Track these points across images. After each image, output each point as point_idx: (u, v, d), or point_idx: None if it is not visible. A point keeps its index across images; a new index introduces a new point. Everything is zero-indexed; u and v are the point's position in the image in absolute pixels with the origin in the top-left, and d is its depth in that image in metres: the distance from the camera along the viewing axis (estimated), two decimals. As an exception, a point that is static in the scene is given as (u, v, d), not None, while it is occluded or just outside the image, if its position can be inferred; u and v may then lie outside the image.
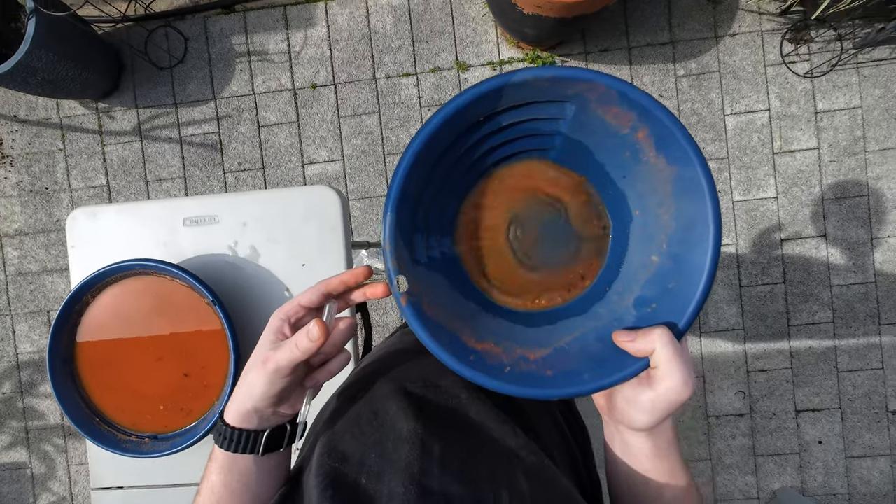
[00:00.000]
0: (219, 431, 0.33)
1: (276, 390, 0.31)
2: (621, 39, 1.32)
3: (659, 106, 0.26)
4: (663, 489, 0.31)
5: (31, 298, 1.46)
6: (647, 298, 0.30)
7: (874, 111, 1.29)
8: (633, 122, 0.27)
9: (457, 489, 0.27)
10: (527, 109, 0.29)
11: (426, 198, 0.31)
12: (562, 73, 0.26)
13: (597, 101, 0.27)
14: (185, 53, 1.39)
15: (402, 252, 0.29)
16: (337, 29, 1.36)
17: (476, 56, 1.34)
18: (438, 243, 0.33)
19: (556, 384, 0.28)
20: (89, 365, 0.63)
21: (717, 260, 0.27)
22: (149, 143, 1.42)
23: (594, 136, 0.30)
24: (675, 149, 0.27)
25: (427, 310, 0.29)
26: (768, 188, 1.32)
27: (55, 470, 1.47)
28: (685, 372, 0.26)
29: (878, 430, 1.33)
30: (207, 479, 0.33)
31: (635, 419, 0.29)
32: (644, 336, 0.27)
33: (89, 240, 0.67)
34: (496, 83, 0.27)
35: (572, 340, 0.31)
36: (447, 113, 0.28)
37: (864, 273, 1.31)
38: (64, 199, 1.44)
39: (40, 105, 1.43)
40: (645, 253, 0.31)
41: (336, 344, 0.34)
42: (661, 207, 0.30)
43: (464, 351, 0.29)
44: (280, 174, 1.39)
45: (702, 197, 0.27)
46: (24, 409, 1.47)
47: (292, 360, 0.30)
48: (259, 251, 0.65)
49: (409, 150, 0.28)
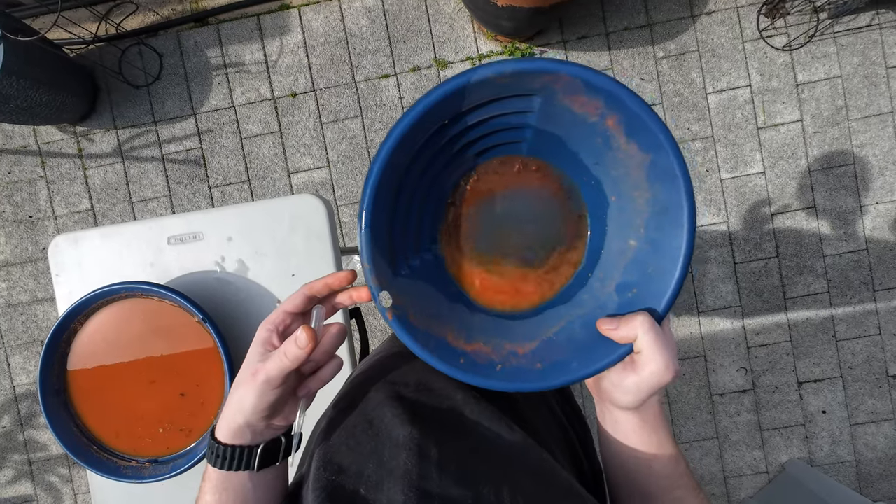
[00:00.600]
0: (211, 450, 0.32)
1: (268, 402, 0.31)
2: (599, 25, 1.32)
3: (626, 91, 0.26)
4: (652, 461, 0.32)
5: (24, 329, 1.44)
6: (627, 283, 0.30)
7: (854, 79, 1.30)
8: (602, 110, 0.27)
9: (456, 491, 0.27)
10: (492, 106, 0.29)
11: (401, 207, 0.31)
12: (523, 67, 0.26)
13: (562, 91, 0.27)
14: (161, 70, 1.37)
15: (381, 268, 0.29)
16: (312, 35, 1.35)
17: (454, 52, 1.34)
18: (419, 251, 0.33)
19: (546, 376, 0.29)
20: (82, 393, 0.62)
21: (692, 244, 0.27)
22: (131, 164, 1.40)
23: (564, 125, 0.30)
24: (645, 134, 0.27)
25: (413, 320, 0.29)
26: (755, 164, 1.32)
27: (62, 501, 1.45)
28: (667, 356, 0.27)
29: (879, 395, 1.34)
30: (202, 499, 0.32)
31: (622, 400, 0.30)
32: (626, 323, 0.28)
33: (73, 267, 0.66)
34: (455, 84, 0.26)
35: (559, 330, 0.31)
36: (407, 124, 0.27)
37: (855, 241, 1.32)
38: (49, 227, 1.42)
39: (17, 133, 1.41)
40: (623, 238, 0.31)
41: (327, 350, 0.33)
42: (636, 191, 0.30)
43: (454, 355, 0.29)
44: (266, 185, 1.38)
45: (675, 181, 0.27)
46: (25, 442, 1.45)
47: (282, 370, 0.30)
48: (247, 265, 0.64)
49: (373, 167, 0.27)
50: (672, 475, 0.32)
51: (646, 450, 0.32)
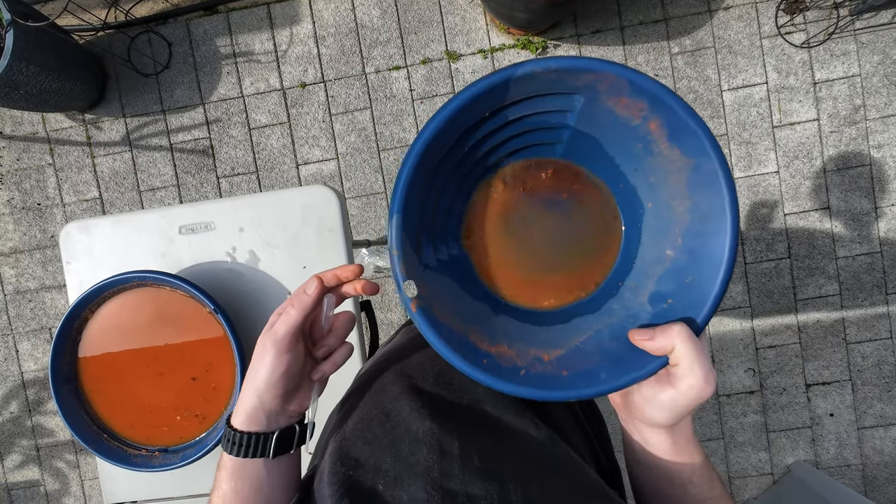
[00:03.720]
0: (227, 437, 0.32)
1: (281, 371, 0.31)
2: (613, 19, 1.29)
3: (672, 95, 0.25)
4: (687, 485, 0.30)
5: (32, 316, 1.44)
6: (662, 294, 0.29)
7: (873, 78, 1.27)
8: (645, 113, 0.26)
9: (480, 488, 0.26)
10: (533, 103, 0.28)
11: (432, 197, 0.30)
12: (569, 64, 0.25)
13: (606, 91, 0.26)
14: (170, 58, 1.36)
15: (409, 256, 0.28)
16: (323, 25, 1.33)
17: (466, 45, 1.32)
18: (446, 244, 0.32)
19: (572, 385, 0.28)
20: (93, 381, 0.62)
21: (735, 252, 0.26)
22: (139, 153, 1.39)
23: (604, 127, 0.29)
24: (689, 139, 0.26)
25: (437, 314, 0.28)
26: (769, 163, 1.30)
27: (69, 486, 1.47)
28: (707, 369, 0.26)
29: (889, 399, 1.32)
30: (218, 488, 0.32)
31: (655, 417, 0.28)
32: (663, 333, 0.26)
33: (84, 254, 0.65)
34: (500, 77, 0.26)
35: (587, 339, 0.30)
36: (451, 111, 0.26)
37: (869, 243, 1.30)
38: (57, 215, 1.42)
39: (26, 120, 1.41)
40: (659, 247, 0.30)
41: (339, 335, 0.35)
42: (674, 199, 0.29)
43: (476, 354, 0.28)
44: (274, 176, 1.37)
45: (718, 188, 0.26)
46: (33, 428, 1.46)
47: (290, 325, 0.31)
48: (258, 256, 0.63)
49: (412, 151, 0.27)
50: (708, 499, 0.30)
51: (680, 474, 0.30)
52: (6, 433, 1.47)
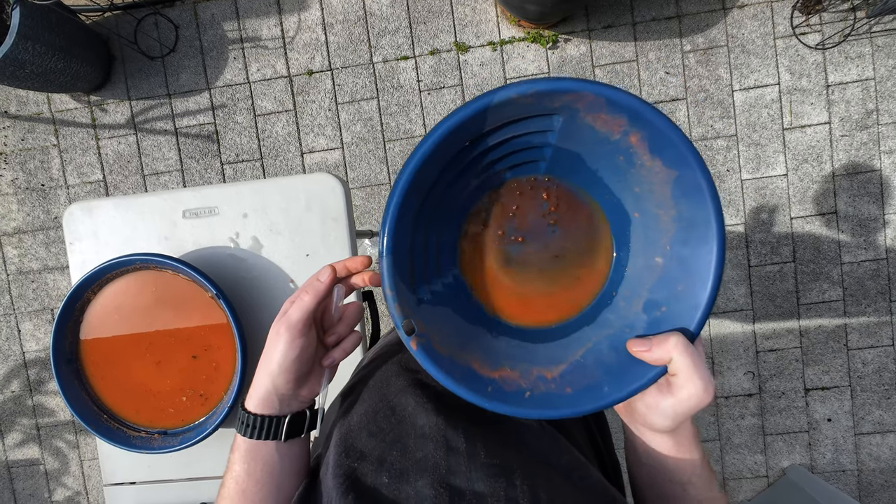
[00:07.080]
0: (241, 420, 0.33)
1: (294, 355, 0.31)
2: (625, 14, 1.28)
3: (650, 109, 0.25)
4: (686, 485, 0.31)
5: (34, 297, 1.45)
6: (656, 302, 0.30)
7: (888, 82, 1.25)
8: (625, 128, 0.27)
9: (487, 485, 0.27)
10: (513, 126, 0.28)
11: (421, 231, 0.30)
12: (545, 87, 0.25)
13: (585, 109, 0.26)
14: (177, 42, 1.35)
15: (404, 295, 0.29)
16: (331, 12, 1.32)
17: (476, 36, 1.30)
18: (440, 274, 0.33)
19: (577, 402, 0.28)
20: (95, 361, 0.62)
21: (722, 259, 0.27)
22: (144, 136, 1.39)
23: (585, 143, 0.29)
24: (669, 151, 0.26)
25: (438, 347, 0.29)
26: (778, 165, 1.29)
27: (68, 465, 1.48)
28: (705, 378, 0.26)
29: (887, 406, 1.32)
30: (231, 469, 0.33)
31: (657, 423, 0.29)
32: (659, 345, 0.27)
33: (87, 235, 0.65)
34: (477, 107, 0.26)
35: (586, 352, 0.31)
36: (429, 146, 0.27)
37: (875, 250, 1.29)
38: (61, 196, 1.42)
39: (31, 100, 1.40)
40: (648, 255, 0.30)
41: (349, 324, 0.36)
42: (660, 209, 0.29)
43: (480, 383, 0.29)
44: (279, 164, 1.37)
45: (702, 198, 0.26)
46: (33, 407, 1.47)
47: (303, 310, 0.31)
48: (261, 242, 0.63)
49: (395, 190, 0.27)
50: (706, 499, 0.31)
51: (680, 473, 0.31)
52: (7, 412, 1.48)
